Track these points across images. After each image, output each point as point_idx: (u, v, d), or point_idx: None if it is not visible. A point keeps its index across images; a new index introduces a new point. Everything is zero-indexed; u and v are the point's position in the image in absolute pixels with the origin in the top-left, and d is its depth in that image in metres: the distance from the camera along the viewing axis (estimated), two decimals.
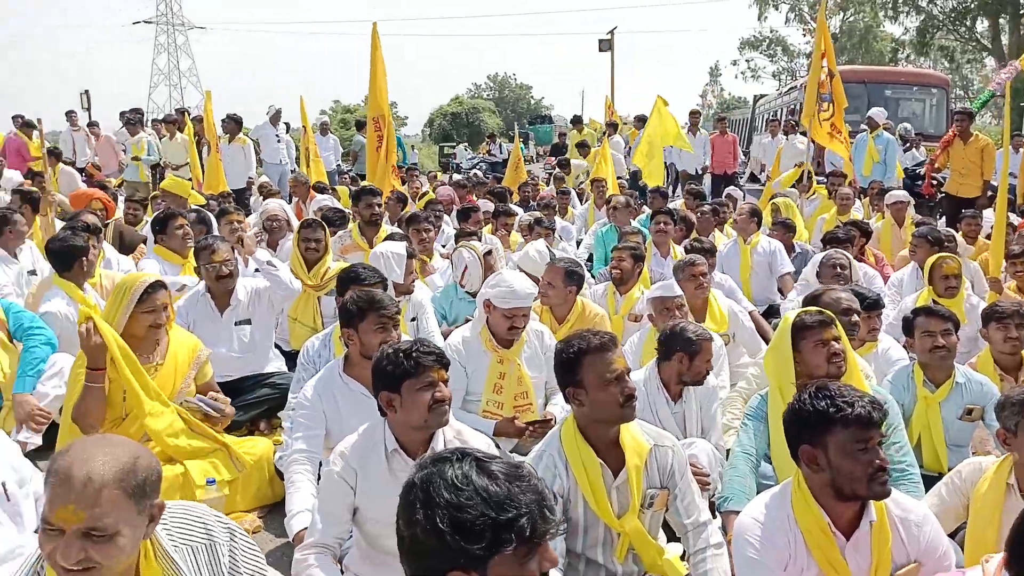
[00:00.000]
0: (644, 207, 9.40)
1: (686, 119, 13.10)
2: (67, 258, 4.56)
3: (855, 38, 40.33)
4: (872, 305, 4.12)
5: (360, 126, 16.69)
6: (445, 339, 4.18)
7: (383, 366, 2.56)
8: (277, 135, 12.56)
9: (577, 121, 18.58)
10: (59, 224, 6.87)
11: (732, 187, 11.79)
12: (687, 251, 5.73)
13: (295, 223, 6.52)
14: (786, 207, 8.42)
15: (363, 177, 12.78)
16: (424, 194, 9.60)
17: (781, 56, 46.61)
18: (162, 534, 1.85)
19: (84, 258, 4.58)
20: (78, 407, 3.41)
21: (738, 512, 2.58)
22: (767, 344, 4.12)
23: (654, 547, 2.59)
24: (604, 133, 14.30)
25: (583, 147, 15.02)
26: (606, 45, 29.42)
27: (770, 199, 9.58)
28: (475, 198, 10.17)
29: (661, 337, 3.54)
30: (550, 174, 15.76)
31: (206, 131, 10.07)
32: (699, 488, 2.77)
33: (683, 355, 3.44)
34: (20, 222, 5.73)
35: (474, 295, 4.65)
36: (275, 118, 12.80)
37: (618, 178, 10.65)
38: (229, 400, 3.87)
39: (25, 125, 12.11)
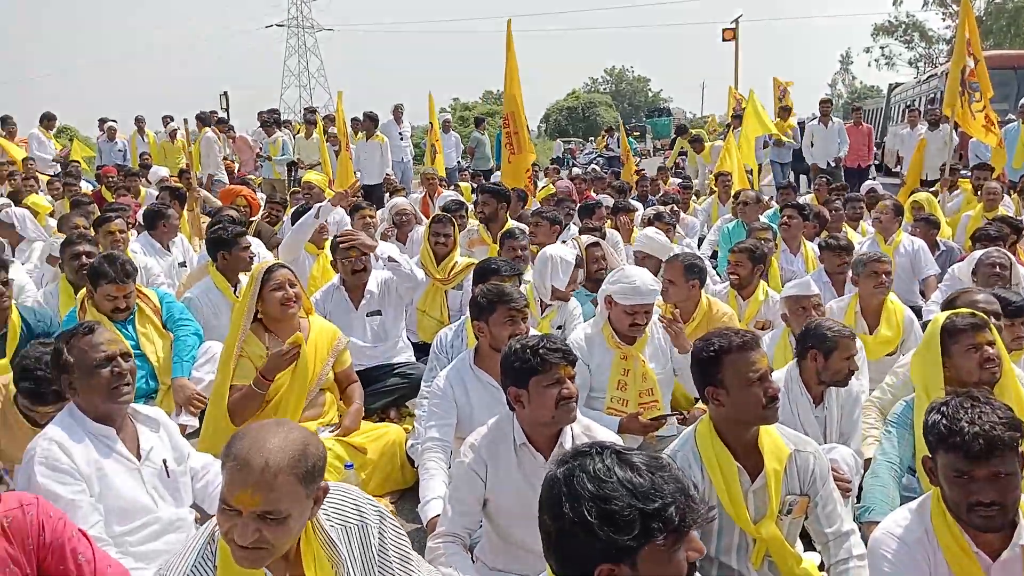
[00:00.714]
0: (772, 202, 9.08)
1: (815, 110, 12.63)
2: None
3: (1003, 19, 37.42)
4: (1017, 311, 3.72)
5: (479, 123, 16.98)
6: None
7: (511, 362, 2.58)
8: (400, 133, 12.95)
9: (682, 131, 18.11)
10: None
11: (872, 182, 11.22)
12: (821, 248, 5.47)
13: (421, 217, 6.72)
14: (928, 203, 7.91)
15: (482, 173, 12.99)
16: (543, 188, 9.62)
17: (918, 42, 43.85)
18: (320, 514, 1.95)
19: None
20: (237, 403, 3.62)
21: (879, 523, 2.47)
22: None
23: (792, 555, 2.50)
24: (728, 126, 13.92)
25: (696, 142, 14.67)
26: (730, 34, 28.56)
27: (910, 194, 9.03)
28: (593, 193, 10.12)
29: (798, 335, 3.42)
30: (673, 165, 15.53)
31: (337, 130, 10.48)
32: (841, 496, 2.65)
33: (816, 352, 3.31)
34: (173, 216, 6.16)
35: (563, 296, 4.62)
36: (398, 117, 13.23)
37: (747, 171, 10.32)
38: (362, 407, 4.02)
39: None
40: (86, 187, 10.42)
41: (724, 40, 28.42)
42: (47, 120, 13.32)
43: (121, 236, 5.59)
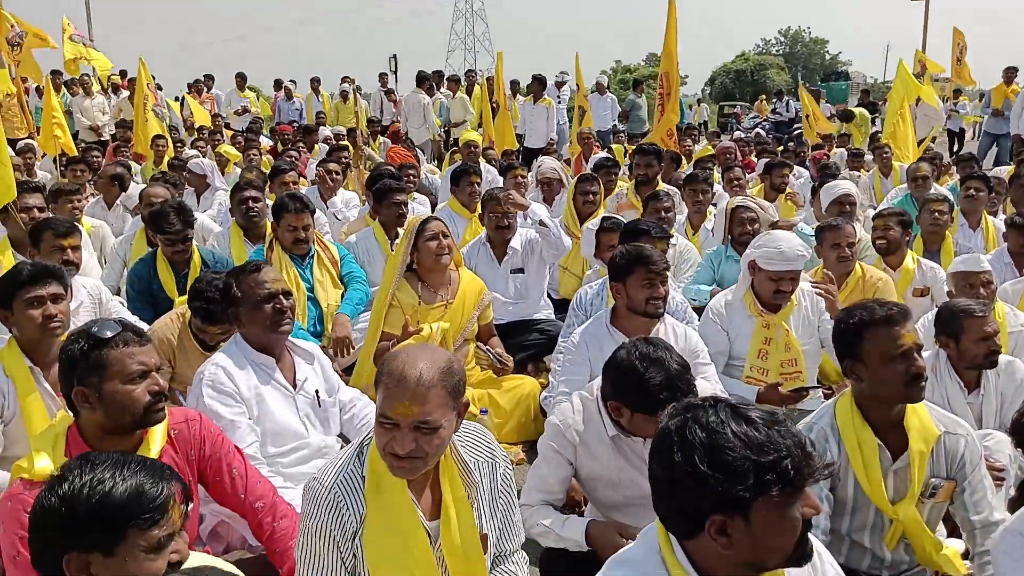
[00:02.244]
0: (955, 172, 8.33)
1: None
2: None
3: None
4: None
5: (636, 85, 16.66)
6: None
7: (622, 384, 2.37)
8: (559, 97, 13.00)
9: (865, 95, 16.90)
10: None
11: None
12: (1008, 225, 4.98)
13: (566, 181, 6.73)
14: None
15: (638, 136, 12.78)
16: (702, 148, 9.36)
17: None
18: (456, 442, 2.09)
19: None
20: (385, 350, 3.80)
21: None
22: None
23: (931, 539, 2.36)
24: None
25: (871, 106, 13.67)
26: None
27: None
28: (755, 159, 9.71)
29: (938, 314, 3.18)
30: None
31: (496, 91, 10.65)
32: (993, 484, 2.46)
33: (946, 338, 3.10)
34: (334, 171, 6.59)
35: None
36: (560, 84, 13.31)
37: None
38: (511, 358, 4.13)
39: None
40: (265, 143, 11.22)
41: (912, 0, 26.14)
42: (240, 79, 14.47)
43: (294, 186, 6.02)
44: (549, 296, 5.19)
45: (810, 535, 1.50)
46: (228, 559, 2.32)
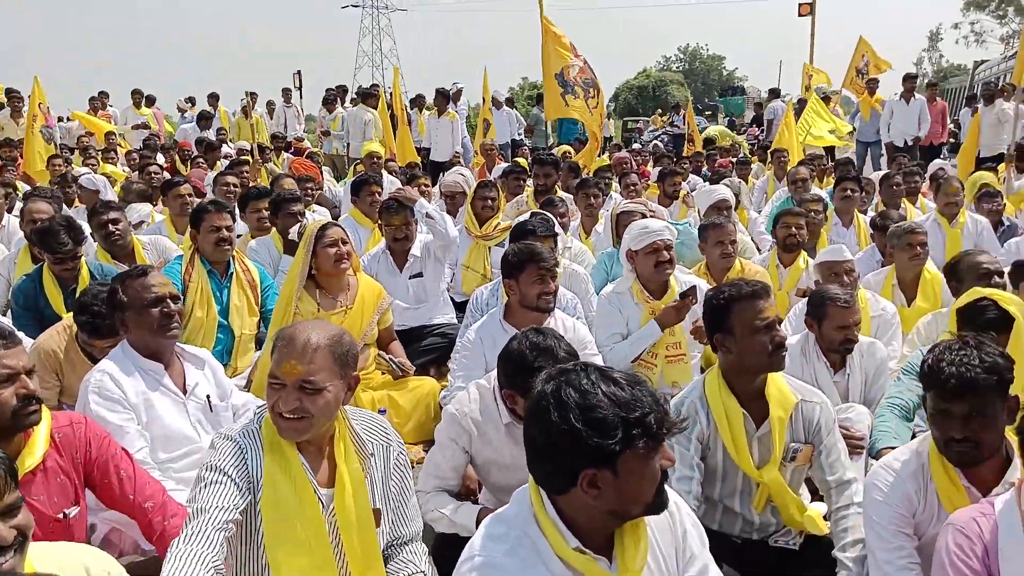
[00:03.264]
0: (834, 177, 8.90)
1: (899, 88, 12.32)
2: None
3: None
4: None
5: (539, 100, 17.01)
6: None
7: (511, 368, 2.49)
8: (457, 110, 13.15)
9: (759, 109, 17.83)
10: None
11: (942, 161, 10.82)
12: (872, 226, 5.38)
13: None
14: (991, 183, 7.62)
15: (540, 150, 13.07)
16: (600, 160, 9.69)
17: (1012, 17, 41.72)
18: (352, 420, 2.20)
19: None
20: None
21: (890, 448, 2.66)
22: None
23: (793, 500, 2.56)
24: (795, 102, 13.65)
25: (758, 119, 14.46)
26: (807, 9, 27.61)
27: (970, 174, 8.70)
28: (649, 168, 10.09)
29: (809, 299, 3.47)
30: (753, 145, 15.28)
31: (395, 105, 10.73)
32: (847, 448, 2.69)
33: (811, 320, 3.39)
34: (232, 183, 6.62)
35: None
36: (456, 95, 13.44)
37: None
38: (411, 364, 4.23)
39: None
40: (161, 160, 10.94)
41: (800, 15, 27.54)
42: (136, 96, 14.08)
43: (190, 198, 5.93)
44: (453, 300, 5.28)
45: (667, 487, 1.65)
46: (121, 562, 2.30)
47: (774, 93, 16.52)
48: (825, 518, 2.65)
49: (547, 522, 1.66)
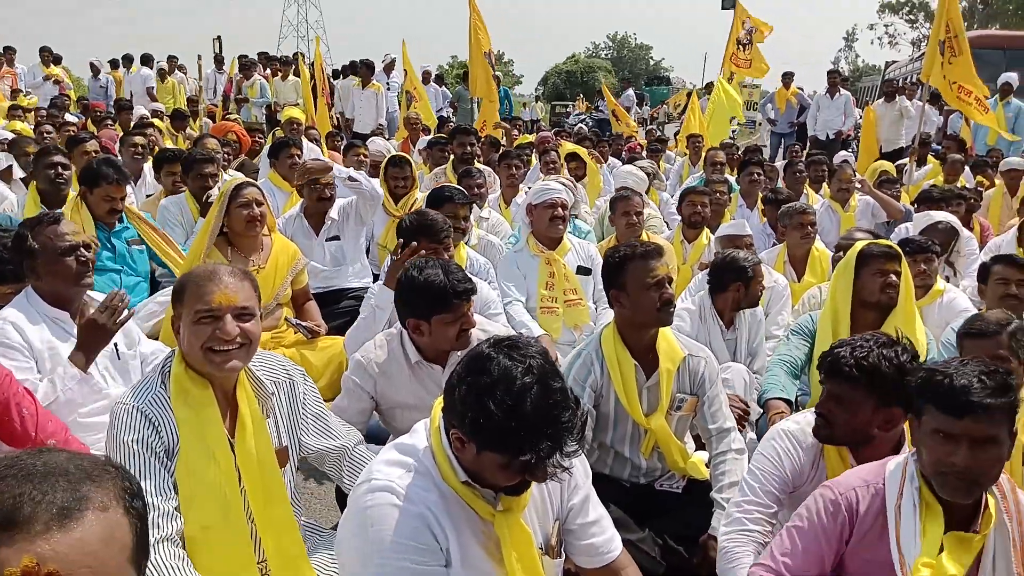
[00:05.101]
0: None
1: (820, 85, 12.86)
2: None
3: (1012, 3, 37.23)
4: (918, 248, 3.95)
5: (464, 78, 17.05)
6: None
7: (412, 296, 2.60)
8: (388, 83, 13.08)
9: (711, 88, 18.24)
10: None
11: (847, 152, 11.38)
12: (764, 201, 5.71)
13: None
14: (889, 171, 8.10)
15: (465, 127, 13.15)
16: (520, 137, 9.87)
17: (923, 22, 43.75)
18: (253, 367, 2.22)
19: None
20: None
21: (776, 398, 2.89)
22: None
23: (677, 447, 2.76)
24: (698, 92, 14.07)
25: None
26: (729, 3, 28.30)
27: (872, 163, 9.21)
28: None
29: (713, 268, 3.66)
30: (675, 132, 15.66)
31: (317, 76, 10.63)
32: (727, 399, 2.89)
33: (739, 284, 3.57)
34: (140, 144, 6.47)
35: None
36: (389, 67, 13.38)
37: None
38: (324, 325, 4.22)
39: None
40: (71, 119, 10.56)
41: (723, 8, 28.18)
42: (45, 53, 13.47)
43: (96, 155, 5.77)
44: (376, 276, 5.31)
45: None
46: None
47: (709, 88, 16.82)
48: (706, 465, 2.87)
49: (441, 454, 1.77)
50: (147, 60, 13.99)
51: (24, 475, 0.94)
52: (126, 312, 2.81)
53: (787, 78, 13.71)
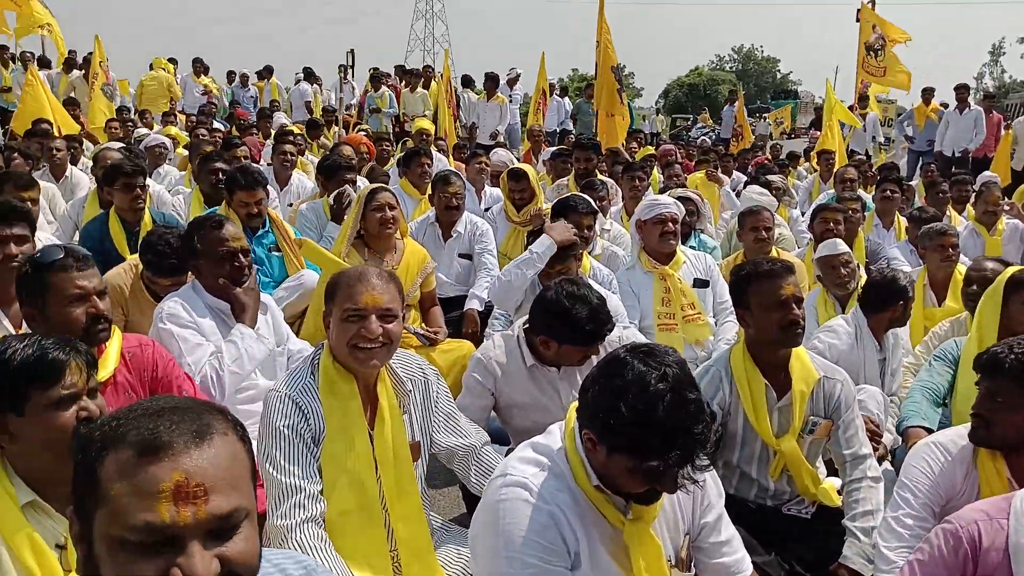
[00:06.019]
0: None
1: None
2: None
3: None
4: None
5: (585, 90, 17.15)
6: None
7: (550, 317, 2.73)
8: (511, 96, 13.37)
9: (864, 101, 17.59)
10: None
11: (990, 173, 10.71)
12: (908, 219, 5.45)
13: None
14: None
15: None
16: (643, 149, 9.86)
17: None
18: (393, 364, 2.35)
19: None
20: None
21: (917, 427, 2.81)
22: None
23: (808, 472, 2.68)
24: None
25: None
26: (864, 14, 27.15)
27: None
28: (691, 163, 10.17)
29: (870, 287, 3.56)
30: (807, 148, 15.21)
31: (443, 88, 10.99)
32: (864, 424, 2.79)
33: (900, 304, 3.51)
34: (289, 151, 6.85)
35: None
36: (512, 81, 13.66)
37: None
38: (444, 330, 4.36)
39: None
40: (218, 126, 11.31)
41: (857, 21, 27.06)
42: (197, 65, 14.54)
43: (246, 161, 6.18)
44: None
45: None
46: None
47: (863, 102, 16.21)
48: (839, 492, 2.77)
49: (575, 456, 1.81)
50: (309, 75, 14.83)
51: (152, 412, 1.06)
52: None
53: (927, 94, 13.03)
